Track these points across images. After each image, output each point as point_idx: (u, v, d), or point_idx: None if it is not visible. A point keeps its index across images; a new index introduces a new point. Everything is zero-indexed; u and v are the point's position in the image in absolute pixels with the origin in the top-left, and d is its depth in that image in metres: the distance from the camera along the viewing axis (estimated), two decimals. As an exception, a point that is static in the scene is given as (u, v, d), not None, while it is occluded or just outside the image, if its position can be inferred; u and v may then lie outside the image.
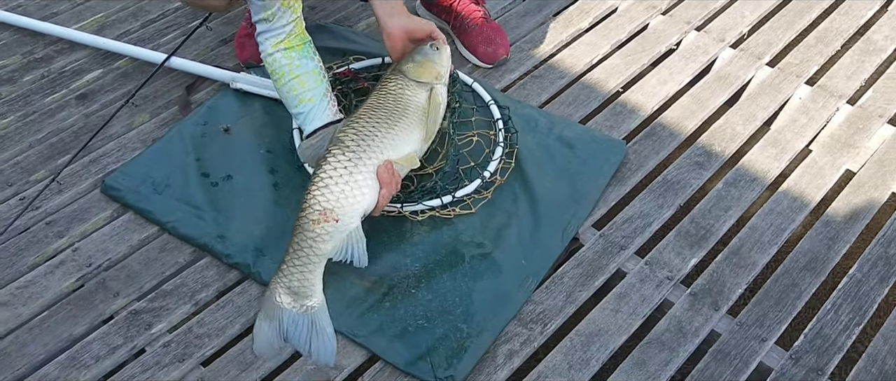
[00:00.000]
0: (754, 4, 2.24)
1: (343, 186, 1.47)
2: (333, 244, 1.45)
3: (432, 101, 1.65)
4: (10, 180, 1.75)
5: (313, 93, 1.64)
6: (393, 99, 1.63)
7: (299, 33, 1.65)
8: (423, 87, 1.66)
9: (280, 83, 1.65)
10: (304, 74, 1.63)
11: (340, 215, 1.45)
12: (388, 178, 1.52)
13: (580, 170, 1.76)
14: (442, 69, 1.69)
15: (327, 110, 1.64)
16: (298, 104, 1.64)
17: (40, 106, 1.92)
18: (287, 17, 1.62)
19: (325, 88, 1.66)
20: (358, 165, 1.50)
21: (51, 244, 1.63)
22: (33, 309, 1.53)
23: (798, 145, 1.88)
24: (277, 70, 1.64)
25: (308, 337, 1.42)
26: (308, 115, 1.64)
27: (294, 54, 1.64)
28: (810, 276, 1.63)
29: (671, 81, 2.01)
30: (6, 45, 2.09)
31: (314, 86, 1.64)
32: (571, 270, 1.62)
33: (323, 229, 1.44)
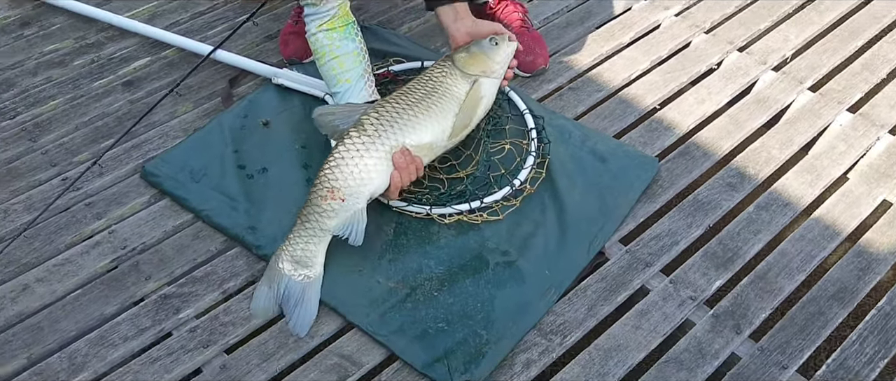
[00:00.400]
0: (799, 28, 2.22)
1: (353, 168, 1.53)
2: (338, 221, 1.53)
3: (472, 94, 1.65)
4: (54, 161, 1.81)
5: (350, 73, 1.68)
6: (431, 85, 1.65)
7: (343, 15, 1.70)
8: (468, 78, 1.67)
9: (321, 62, 1.71)
10: (343, 54, 1.68)
11: (347, 195, 1.52)
12: (404, 163, 1.55)
13: (611, 184, 1.76)
14: (493, 64, 1.68)
15: (363, 91, 1.68)
16: (336, 84, 1.69)
17: (88, 90, 1.99)
18: (332, 1, 1.67)
19: (362, 69, 1.70)
20: (370, 149, 1.55)
21: (89, 225, 1.68)
22: (68, 286, 1.58)
23: (835, 173, 1.86)
24: (319, 50, 1.70)
25: (296, 304, 1.52)
26: (344, 95, 1.68)
27: (335, 35, 1.68)
28: (837, 306, 1.61)
29: (709, 100, 2.00)
30: (60, 29, 2.16)
31: (352, 66, 1.68)
32: (595, 283, 1.62)
33: (329, 206, 1.52)
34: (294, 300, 1.52)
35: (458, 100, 1.65)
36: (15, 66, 2.05)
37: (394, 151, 1.56)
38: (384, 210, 1.69)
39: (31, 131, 1.88)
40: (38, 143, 1.85)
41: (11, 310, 1.53)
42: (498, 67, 1.70)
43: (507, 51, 1.71)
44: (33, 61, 2.06)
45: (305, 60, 2.00)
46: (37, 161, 1.81)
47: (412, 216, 1.68)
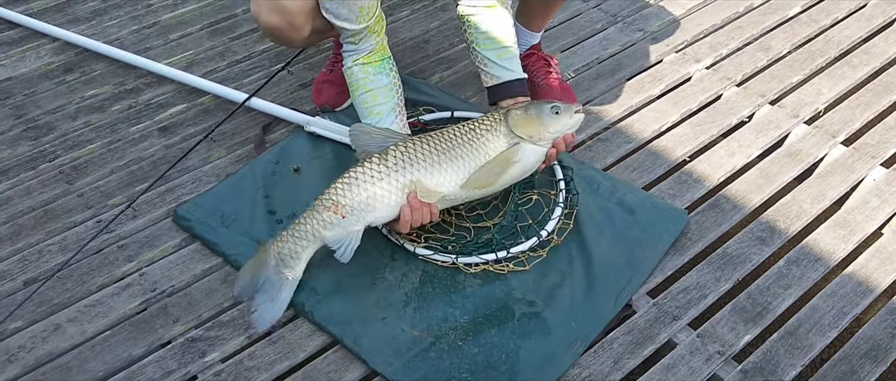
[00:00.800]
0: (832, 82, 2.21)
1: (362, 191, 1.58)
2: (333, 234, 1.58)
3: (505, 154, 1.64)
4: (89, 203, 1.85)
5: (382, 107, 1.72)
6: (471, 134, 1.65)
7: (379, 50, 1.75)
8: (511, 138, 1.65)
9: (354, 95, 1.75)
10: (376, 88, 1.72)
11: (348, 213, 1.57)
12: (418, 204, 1.58)
13: (639, 236, 1.76)
14: (545, 131, 1.65)
15: (393, 125, 1.71)
16: (368, 116, 1.73)
17: (125, 135, 2.03)
18: (371, 40, 1.73)
19: (394, 103, 1.73)
20: (385, 179, 1.58)
21: (120, 267, 1.71)
22: (98, 327, 1.60)
23: (868, 228, 1.84)
24: (353, 83, 1.74)
25: (266, 299, 1.58)
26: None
27: (370, 69, 1.73)
28: (870, 364, 1.58)
29: (740, 153, 2.00)
30: (101, 75, 2.22)
31: (384, 101, 1.72)
32: (622, 336, 1.61)
33: (329, 218, 1.57)
34: (267, 295, 1.58)
35: (490, 156, 1.65)
36: (56, 110, 2.11)
37: (409, 188, 1.58)
38: (410, 259, 1.70)
39: (69, 174, 1.92)
40: (74, 186, 1.89)
41: (42, 349, 1.56)
42: (548, 136, 1.66)
43: (564, 122, 1.67)
44: (74, 106, 2.12)
45: (338, 109, 2.03)
46: (73, 203, 1.85)
47: (438, 265, 1.68)
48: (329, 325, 1.57)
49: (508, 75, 1.81)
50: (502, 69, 1.80)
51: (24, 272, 1.70)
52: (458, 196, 1.65)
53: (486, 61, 1.80)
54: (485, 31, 1.78)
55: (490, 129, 1.66)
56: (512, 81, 1.81)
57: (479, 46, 1.79)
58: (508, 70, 1.80)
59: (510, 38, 1.80)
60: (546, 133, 1.66)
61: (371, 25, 1.71)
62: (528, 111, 1.67)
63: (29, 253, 1.74)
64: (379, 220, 1.60)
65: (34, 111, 2.11)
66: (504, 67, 1.80)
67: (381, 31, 1.76)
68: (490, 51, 1.78)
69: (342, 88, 2.03)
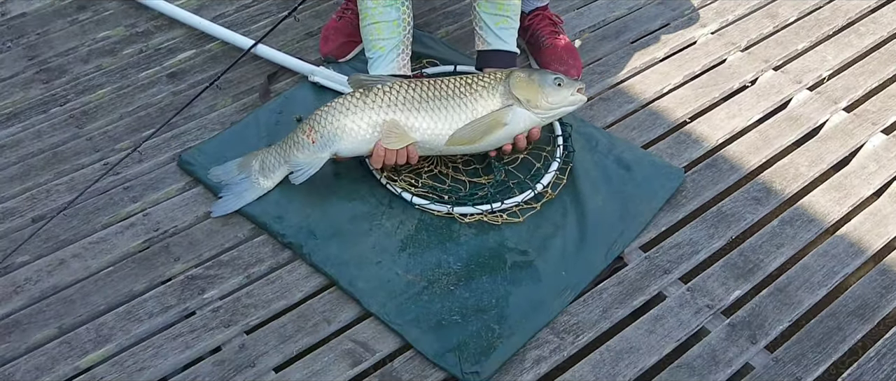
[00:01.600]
0: (838, 49, 2.21)
1: (333, 120, 1.65)
2: (303, 157, 1.68)
3: (496, 115, 1.66)
4: (97, 147, 1.89)
5: (386, 43, 1.74)
6: (465, 88, 1.67)
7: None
8: (507, 99, 1.67)
9: (362, 25, 1.78)
10: (383, 21, 1.74)
11: (318, 139, 1.67)
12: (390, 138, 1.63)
13: (634, 192, 1.78)
14: (542, 100, 1.66)
15: (395, 62, 1.74)
16: (371, 49, 1.76)
17: (134, 80, 2.08)
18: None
19: (398, 40, 1.75)
20: (357, 113, 1.65)
21: (125, 207, 1.75)
22: (101, 263, 1.65)
23: (864, 192, 1.85)
24: (363, 11, 1.77)
25: (233, 193, 1.72)
26: (375, 61, 1.75)
27: (380, 3, 1.74)
28: (857, 322, 1.60)
29: (740, 116, 2.01)
30: (112, 15, 2.26)
31: (388, 36, 1.74)
32: (612, 287, 1.64)
33: (301, 140, 1.69)
34: (235, 190, 1.72)
35: (478, 114, 1.66)
36: (69, 52, 2.16)
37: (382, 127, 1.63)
38: (407, 207, 1.73)
39: (79, 118, 1.97)
40: (83, 129, 1.94)
41: (47, 282, 1.61)
42: (545, 105, 1.67)
43: (564, 95, 1.68)
44: (86, 48, 2.17)
45: (342, 59, 2.06)
46: (81, 146, 1.89)
47: (434, 214, 1.71)
48: (326, 267, 1.61)
49: (500, 44, 1.82)
50: (495, 37, 1.81)
51: (33, 209, 1.75)
52: (435, 146, 1.67)
53: (483, 24, 1.82)
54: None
55: (487, 86, 1.68)
56: (502, 51, 1.83)
57: (479, 7, 1.81)
58: (501, 40, 1.81)
59: (513, 11, 1.80)
60: (544, 102, 1.67)
61: None
62: (531, 76, 1.69)
63: (37, 192, 1.79)
64: (347, 151, 1.68)
65: (47, 52, 2.16)
66: (497, 35, 1.81)
67: None
68: (489, 15, 1.80)
69: (349, 38, 2.06)
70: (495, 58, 1.82)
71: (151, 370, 1.48)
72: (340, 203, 1.73)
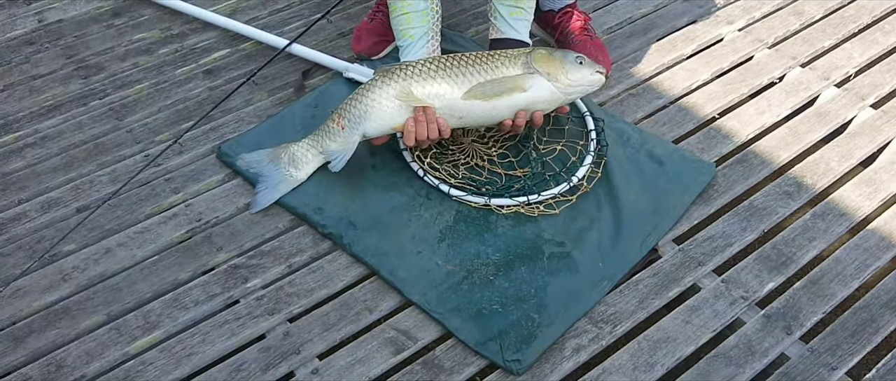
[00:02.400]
0: (864, 47, 2.23)
1: (358, 103, 1.70)
2: (336, 145, 1.73)
3: (517, 80, 1.66)
4: (137, 138, 1.92)
5: (415, 31, 1.78)
6: (488, 59, 1.68)
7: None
8: (527, 68, 1.67)
9: (393, 16, 1.82)
10: (412, 12, 1.77)
11: (346, 125, 1.71)
12: (422, 116, 1.65)
13: (666, 186, 1.80)
14: (562, 74, 1.67)
15: (424, 49, 1.78)
16: (401, 38, 1.80)
17: (171, 76, 2.11)
18: None
19: (427, 28, 1.79)
20: (379, 89, 1.68)
21: (167, 198, 1.78)
22: (146, 253, 1.68)
23: (893, 187, 1.87)
24: (392, 4, 1.80)
25: (267, 187, 1.75)
26: (405, 50, 1.80)
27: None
28: (890, 314, 1.62)
29: (769, 112, 2.03)
30: (148, 20, 2.30)
31: (418, 25, 1.78)
32: (647, 278, 1.66)
33: (333, 129, 1.73)
34: (270, 183, 1.75)
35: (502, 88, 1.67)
36: (105, 51, 2.19)
37: (400, 97, 1.66)
38: (444, 199, 1.76)
39: (118, 111, 2.00)
40: (123, 122, 1.97)
41: (94, 270, 1.64)
42: (564, 80, 1.68)
43: (584, 73, 1.70)
44: (122, 48, 2.20)
45: (375, 57, 2.09)
46: (122, 138, 1.93)
47: (472, 206, 1.74)
48: (366, 256, 1.64)
49: (512, 33, 1.86)
50: (509, 27, 1.85)
51: (77, 200, 1.78)
52: (456, 110, 1.68)
53: (497, 15, 1.86)
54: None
55: (509, 57, 1.69)
56: (513, 40, 1.86)
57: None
58: (514, 29, 1.85)
59: (528, 4, 1.84)
60: (564, 77, 1.68)
61: None
62: (553, 52, 1.71)
63: (81, 183, 1.82)
64: (375, 130, 1.71)
65: (84, 52, 2.19)
66: (511, 25, 1.85)
67: None
68: (504, 7, 1.84)
69: (381, 38, 2.09)
70: (507, 45, 1.85)
71: (199, 356, 1.50)
72: (379, 194, 1.76)
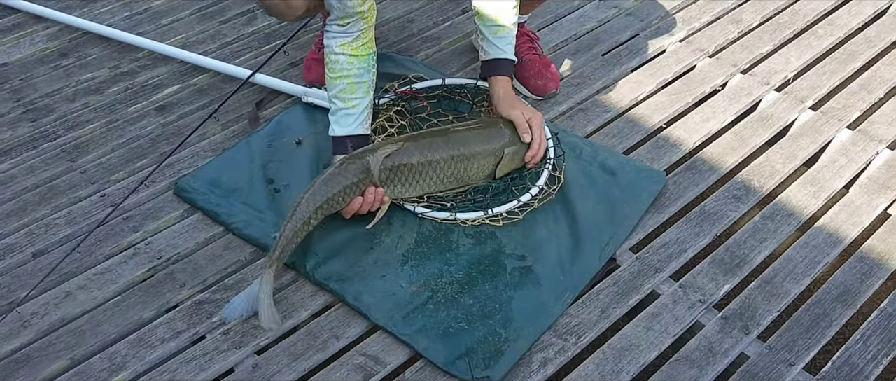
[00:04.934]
0: (800, 51, 2.32)
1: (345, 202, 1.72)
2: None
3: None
4: (92, 179, 1.91)
5: (357, 102, 1.80)
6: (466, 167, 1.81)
7: (366, 42, 1.79)
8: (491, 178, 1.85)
9: (334, 80, 1.80)
10: (357, 82, 1.79)
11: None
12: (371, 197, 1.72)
13: (620, 196, 1.85)
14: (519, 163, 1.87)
15: (362, 125, 1.80)
16: (342, 103, 1.80)
17: (123, 115, 2.10)
18: (360, 25, 1.76)
19: (368, 102, 1.82)
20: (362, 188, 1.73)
21: (126, 237, 1.77)
22: (107, 293, 1.66)
23: (837, 185, 1.94)
24: (336, 69, 1.79)
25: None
26: (343, 118, 1.80)
27: (355, 62, 1.78)
28: (841, 307, 1.68)
29: (714, 119, 2.09)
30: (96, 59, 2.28)
31: (361, 97, 1.80)
32: (607, 288, 1.70)
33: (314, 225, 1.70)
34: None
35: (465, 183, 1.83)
36: (54, 93, 2.17)
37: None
38: (406, 222, 1.78)
39: (71, 152, 1.99)
40: (77, 163, 1.96)
41: (55, 315, 1.62)
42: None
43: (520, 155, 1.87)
44: (71, 88, 2.18)
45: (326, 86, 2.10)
46: (76, 180, 1.91)
47: (438, 222, 1.77)
48: (330, 283, 1.65)
49: (497, 53, 1.90)
50: (493, 46, 1.89)
51: (32, 245, 1.76)
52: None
53: (483, 36, 1.90)
54: (488, 13, 1.87)
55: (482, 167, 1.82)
56: (499, 60, 1.90)
57: (478, 20, 1.90)
58: (498, 48, 1.89)
59: (508, 21, 1.88)
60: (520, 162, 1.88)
61: (364, 12, 1.75)
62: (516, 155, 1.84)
63: (36, 227, 1.80)
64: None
65: (32, 94, 2.17)
66: (495, 44, 1.89)
67: (372, 19, 1.79)
68: (487, 28, 1.89)
69: (331, 67, 2.11)
70: (495, 66, 1.91)
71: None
72: (337, 225, 1.76)
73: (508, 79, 1.91)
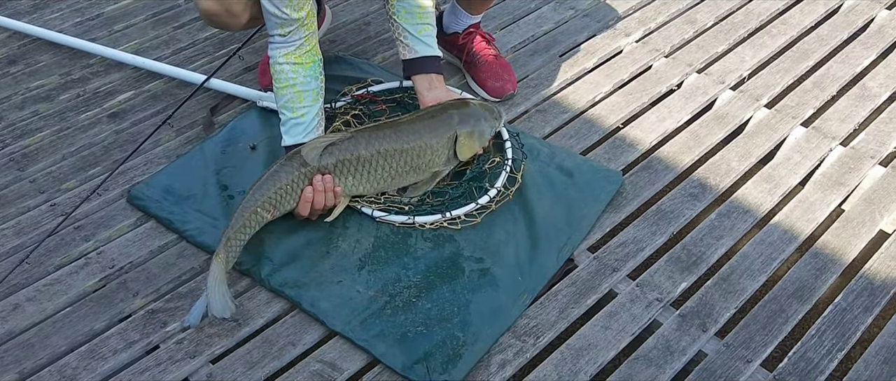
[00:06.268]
0: (754, 50, 2.34)
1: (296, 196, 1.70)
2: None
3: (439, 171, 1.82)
4: (42, 188, 1.88)
5: (306, 110, 1.78)
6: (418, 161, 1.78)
7: (310, 50, 1.78)
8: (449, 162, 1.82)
9: (281, 91, 1.78)
10: (304, 91, 1.77)
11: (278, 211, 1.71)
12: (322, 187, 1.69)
13: (577, 197, 1.85)
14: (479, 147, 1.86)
15: (312, 133, 1.78)
16: (291, 113, 1.78)
17: (75, 122, 2.06)
18: (301, 33, 1.75)
19: (317, 109, 1.80)
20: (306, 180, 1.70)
21: (77, 247, 1.74)
22: (58, 305, 1.63)
23: (791, 182, 1.96)
24: (282, 80, 1.77)
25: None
26: (293, 128, 1.78)
27: (301, 70, 1.77)
28: (797, 303, 1.69)
29: (670, 118, 2.11)
30: (46, 66, 2.24)
31: (310, 105, 1.78)
32: (565, 288, 1.70)
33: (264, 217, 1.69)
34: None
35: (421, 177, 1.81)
36: (2, 101, 2.13)
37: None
38: (362, 226, 1.76)
39: (19, 161, 1.95)
40: (25, 172, 1.92)
41: (2, 328, 1.58)
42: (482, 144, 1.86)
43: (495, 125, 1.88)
44: (20, 96, 2.14)
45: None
46: (25, 189, 1.87)
47: (396, 226, 1.76)
48: (286, 290, 1.63)
49: (425, 50, 1.88)
50: (420, 43, 1.87)
51: (-20, 256, 1.72)
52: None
53: (407, 34, 1.87)
54: (407, 7, 1.85)
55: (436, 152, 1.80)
56: (427, 57, 1.89)
57: (399, 19, 1.87)
58: (425, 45, 1.88)
59: (430, 17, 1.87)
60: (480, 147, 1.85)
61: (303, 19, 1.73)
62: (472, 135, 1.81)
63: (-17, 238, 1.76)
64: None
65: (-22, 103, 2.13)
66: (422, 40, 1.87)
67: (313, 26, 1.77)
68: (410, 25, 1.86)
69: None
70: (423, 64, 1.89)
71: (120, 407, 1.47)
72: (294, 231, 1.75)
73: (439, 75, 1.90)
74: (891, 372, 1.57)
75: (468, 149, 1.82)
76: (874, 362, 1.59)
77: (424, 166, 1.79)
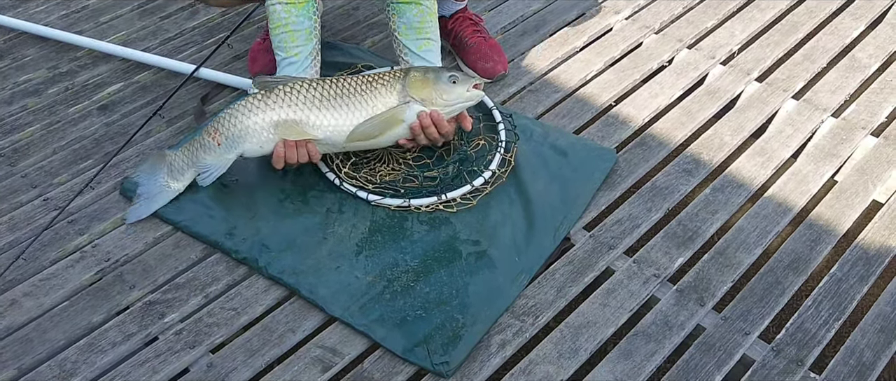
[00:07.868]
0: (744, 24, 2.34)
1: (237, 123, 1.69)
2: (210, 159, 1.71)
3: (394, 112, 1.70)
4: (34, 183, 1.86)
5: (301, 50, 1.77)
6: (365, 85, 1.70)
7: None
8: (404, 97, 1.70)
9: (274, 32, 1.78)
10: (297, 30, 1.76)
11: (223, 142, 1.70)
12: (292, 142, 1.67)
13: (572, 176, 1.85)
14: (438, 98, 1.70)
15: (308, 70, 1.77)
16: (285, 56, 1.78)
17: (64, 116, 2.05)
18: None
19: (311, 48, 1.79)
20: (259, 114, 1.68)
21: (72, 241, 1.73)
22: (55, 299, 1.62)
23: (784, 155, 1.97)
24: (275, 20, 1.77)
25: (145, 198, 1.76)
26: (287, 69, 1.78)
27: (293, 10, 1.77)
28: (793, 275, 1.70)
29: (662, 95, 2.11)
30: (32, 60, 2.22)
31: (303, 43, 1.78)
32: (562, 267, 1.70)
33: (208, 143, 1.71)
34: (146, 194, 1.76)
35: (376, 110, 1.70)
36: (-10, 97, 2.12)
37: (282, 126, 1.67)
38: (358, 211, 1.76)
39: (10, 157, 1.93)
40: (17, 167, 1.90)
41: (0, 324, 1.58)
42: (441, 102, 1.71)
43: (459, 92, 1.71)
44: (8, 91, 2.13)
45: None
46: (17, 184, 1.86)
47: (390, 209, 1.76)
48: (284, 277, 1.63)
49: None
50: (420, 60, 1.86)
51: (-26, 253, 1.71)
52: (336, 143, 1.72)
53: (407, 51, 1.86)
54: (407, 22, 1.84)
55: (386, 84, 1.72)
56: None
57: (400, 35, 1.86)
58: (426, 62, 1.86)
59: (431, 30, 1.85)
60: (439, 99, 1.71)
61: None
62: (426, 74, 1.73)
63: (-24, 234, 1.75)
64: (252, 152, 1.71)
65: (-34, 100, 2.11)
66: (422, 57, 1.85)
67: None
68: (411, 41, 1.85)
69: (276, 57, 2.08)
70: None
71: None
72: (290, 218, 1.75)
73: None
74: (887, 340, 1.58)
75: (420, 85, 1.71)
76: (871, 330, 1.60)
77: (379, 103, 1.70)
